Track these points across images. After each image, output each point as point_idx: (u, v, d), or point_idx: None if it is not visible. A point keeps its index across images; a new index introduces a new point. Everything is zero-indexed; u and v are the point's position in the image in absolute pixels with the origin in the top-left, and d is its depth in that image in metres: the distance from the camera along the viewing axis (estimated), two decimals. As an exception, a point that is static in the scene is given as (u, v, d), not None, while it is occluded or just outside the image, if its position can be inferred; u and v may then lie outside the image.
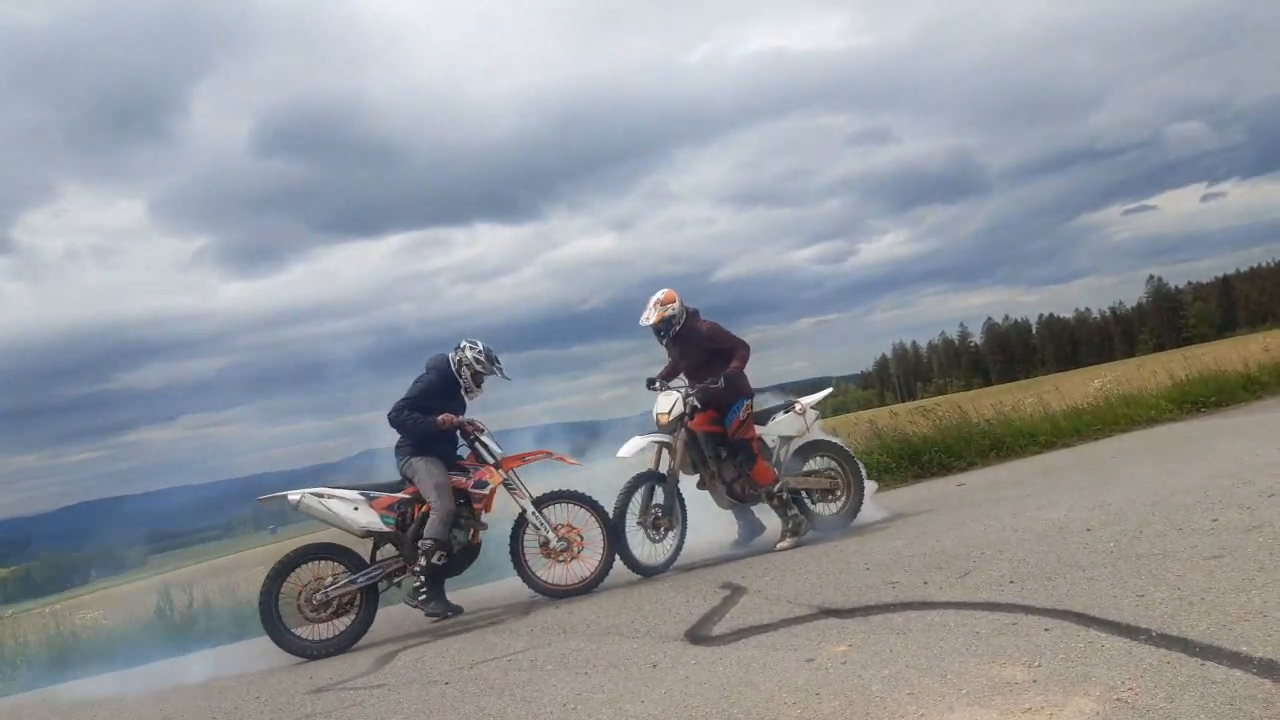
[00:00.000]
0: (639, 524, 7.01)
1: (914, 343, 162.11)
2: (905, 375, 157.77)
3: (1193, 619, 3.39)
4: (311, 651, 6.33)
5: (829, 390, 8.04)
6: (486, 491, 6.80)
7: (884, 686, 3.31)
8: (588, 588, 6.76)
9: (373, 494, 6.77)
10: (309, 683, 5.35)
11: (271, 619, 6.32)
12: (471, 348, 7.06)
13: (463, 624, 6.42)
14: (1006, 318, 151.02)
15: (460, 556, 6.90)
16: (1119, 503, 6.31)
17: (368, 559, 6.69)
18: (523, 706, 3.94)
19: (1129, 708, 2.76)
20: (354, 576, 6.56)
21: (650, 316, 7.42)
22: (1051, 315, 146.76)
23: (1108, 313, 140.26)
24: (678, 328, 7.43)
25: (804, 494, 7.57)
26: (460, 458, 6.96)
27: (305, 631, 6.46)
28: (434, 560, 6.55)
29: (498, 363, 7.13)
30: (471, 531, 6.86)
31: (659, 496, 7.12)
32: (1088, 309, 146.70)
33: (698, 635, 4.64)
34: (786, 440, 7.62)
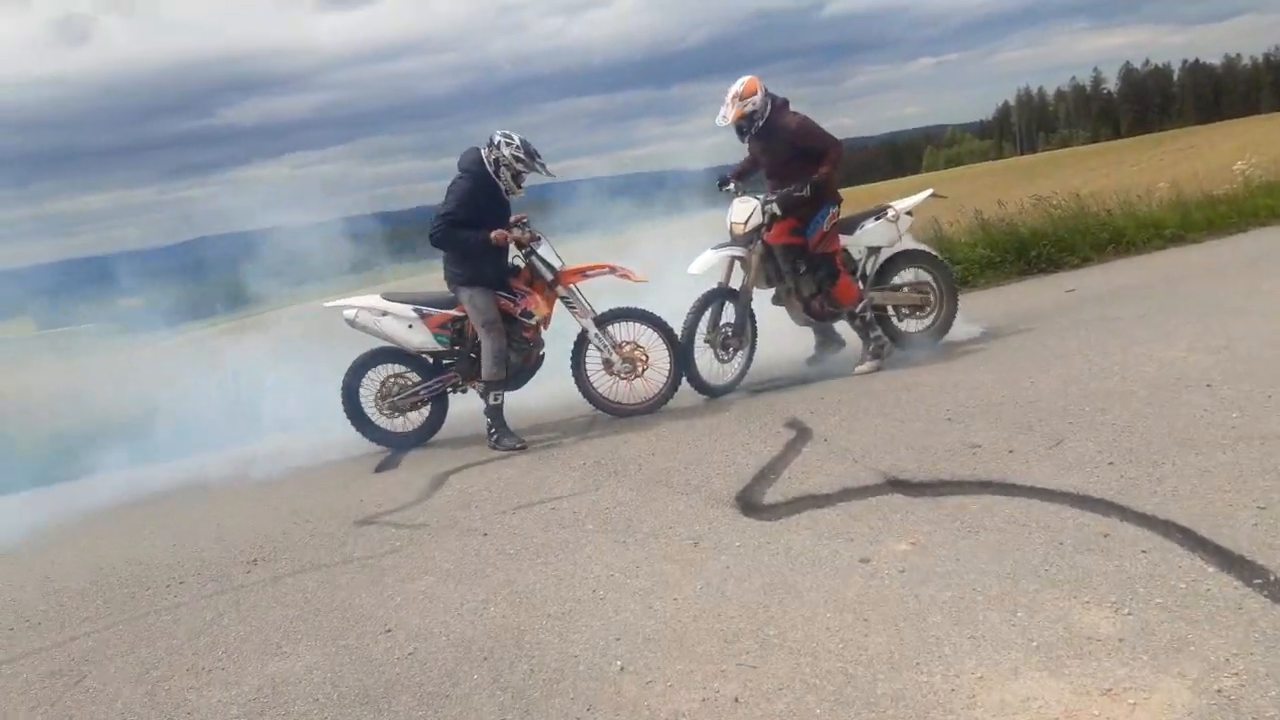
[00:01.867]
0: (707, 343, 6.55)
1: (1040, 89, 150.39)
2: (1028, 124, 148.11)
3: (1327, 565, 2.84)
4: (390, 442, 6.67)
5: (928, 193, 7.16)
6: (533, 323, 6.40)
7: (943, 618, 2.91)
8: (651, 408, 6.45)
9: (426, 310, 6.53)
10: (359, 508, 5.27)
11: (354, 412, 6.60)
12: (508, 144, 6.30)
13: (536, 443, 6.22)
14: (1147, 62, 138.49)
15: (516, 375, 6.60)
16: (1251, 341, 5.56)
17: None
18: (554, 584, 3.70)
19: (1231, 705, 2.30)
20: (417, 388, 6.62)
21: (727, 115, 6.57)
22: (1197, 61, 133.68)
23: (1260, 60, 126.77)
24: (760, 123, 6.59)
25: (890, 310, 6.96)
26: (515, 271, 6.48)
27: (384, 424, 6.70)
28: (492, 401, 6.32)
29: (538, 157, 6.40)
30: (525, 354, 6.53)
31: (729, 314, 6.60)
32: (1238, 55, 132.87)
33: (749, 501, 4.28)
34: (875, 251, 6.91)
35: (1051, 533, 3.40)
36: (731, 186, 6.89)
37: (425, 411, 6.71)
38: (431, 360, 6.62)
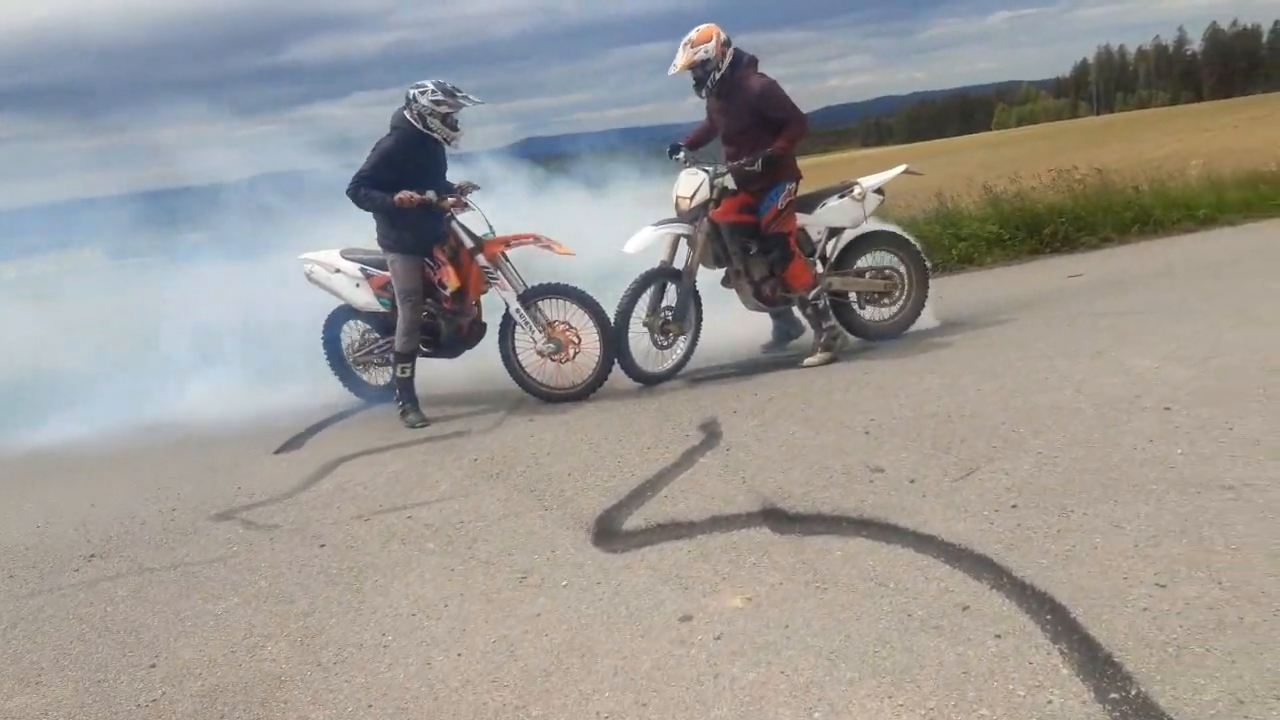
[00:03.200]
0: (645, 326, 6.02)
1: (1121, 47, 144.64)
2: (1106, 84, 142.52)
3: None
4: (365, 395, 6.71)
5: (900, 169, 6.47)
6: (447, 294, 5.97)
7: (728, 712, 2.41)
8: (580, 394, 5.95)
9: (370, 270, 6.29)
10: (231, 497, 4.90)
11: (335, 362, 6.72)
12: (422, 93, 5.80)
13: (431, 432, 5.79)
14: (1235, 23, 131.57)
15: (450, 344, 6.24)
16: (1239, 353, 4.91)
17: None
18: (351, 619, 3.27)
19: None
20: (375, 346, 6.57)
21: (677, 61, 5.95)
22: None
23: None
24: (718, 75, 5.93)
25: (852, 297, 6.35)
26: (446, 239, 6.02)
27: (362, 376, 6.76)
28: (399, 374, 6.04)
29: (458, 93, 5.83)
30: (455, 326, 6.15)
31: (670, 297, 6.06)
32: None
33: (607, 526, 3.79)
34: (836, 232, 6.28)
35: (907, 598, 2.86)
36: (681, 155, 6.30)
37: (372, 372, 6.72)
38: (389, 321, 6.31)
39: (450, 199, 5.90)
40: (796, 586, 3.03)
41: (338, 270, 6.37)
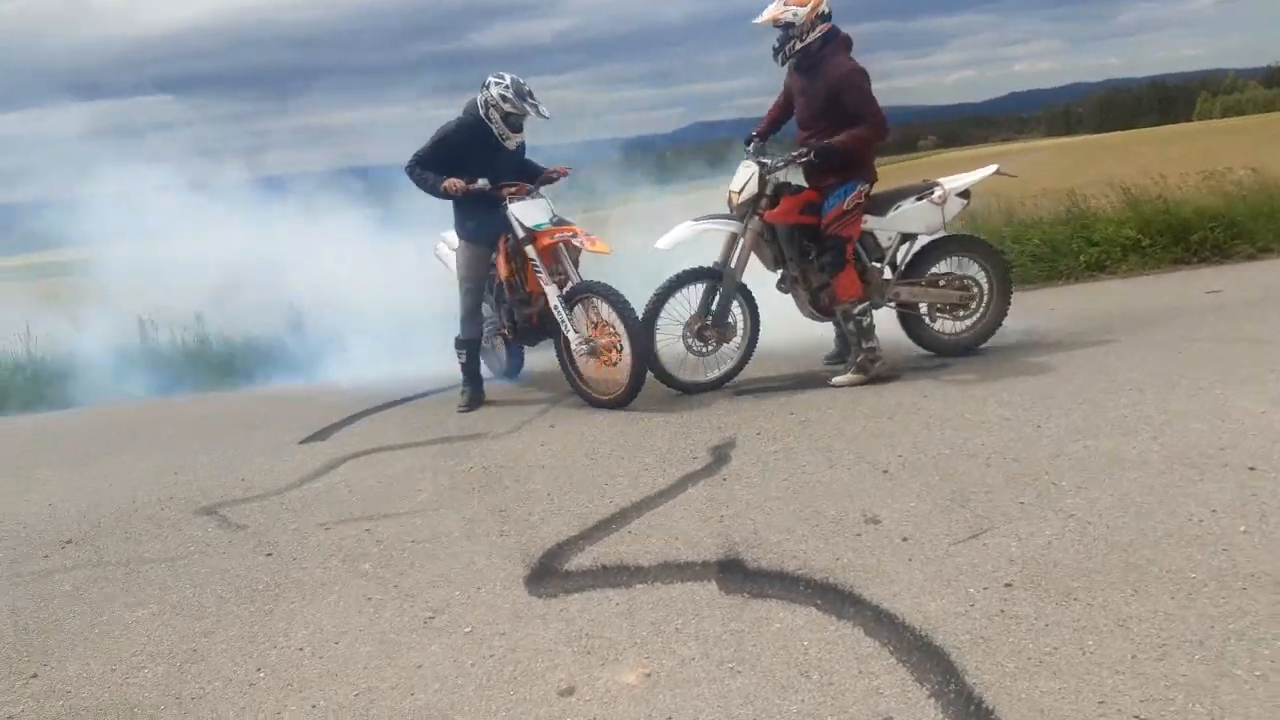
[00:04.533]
0: (687, 331, 5.55)
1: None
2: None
3: None
4: (493, 369, 6.73)
5: (990, 170, 5.69)
6: (501, 283, 5.96)
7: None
8: (621, 401, 5.49)
9: None
10: (226, 489, 4.80)
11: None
12: (497, 84, 5.60)
13: (451, 430, 5.54)
14: None
15: (523, 333, 6.12)
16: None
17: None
18: (239, 649, 3.01)
19: None
20: (488, 325, 6.40)
21: (763, 12, 5.34)
22: None
23: None
24: (798, 44, 5.32)
25: (921, 308, 5.67)
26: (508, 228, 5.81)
27: (492, 351, 6.74)
28: (461, 360, 6.02)
29: (530, 98, 5.63)
30: (526, 316, 5.95)
31: (718, 300, 5.56)
32: None
33: (550, 564, 3.38)
34: (909, 239, 5.61)
35: (825, 698, 2.34)
36: (751, 146, 5.72)
37: (504, 350, 6.74)
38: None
39: (511, 187, 5.68)
40: (708, 666, 2.56)
41: (454, 249, 6.23)
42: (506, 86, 5.61)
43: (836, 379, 5.41)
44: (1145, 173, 9.37)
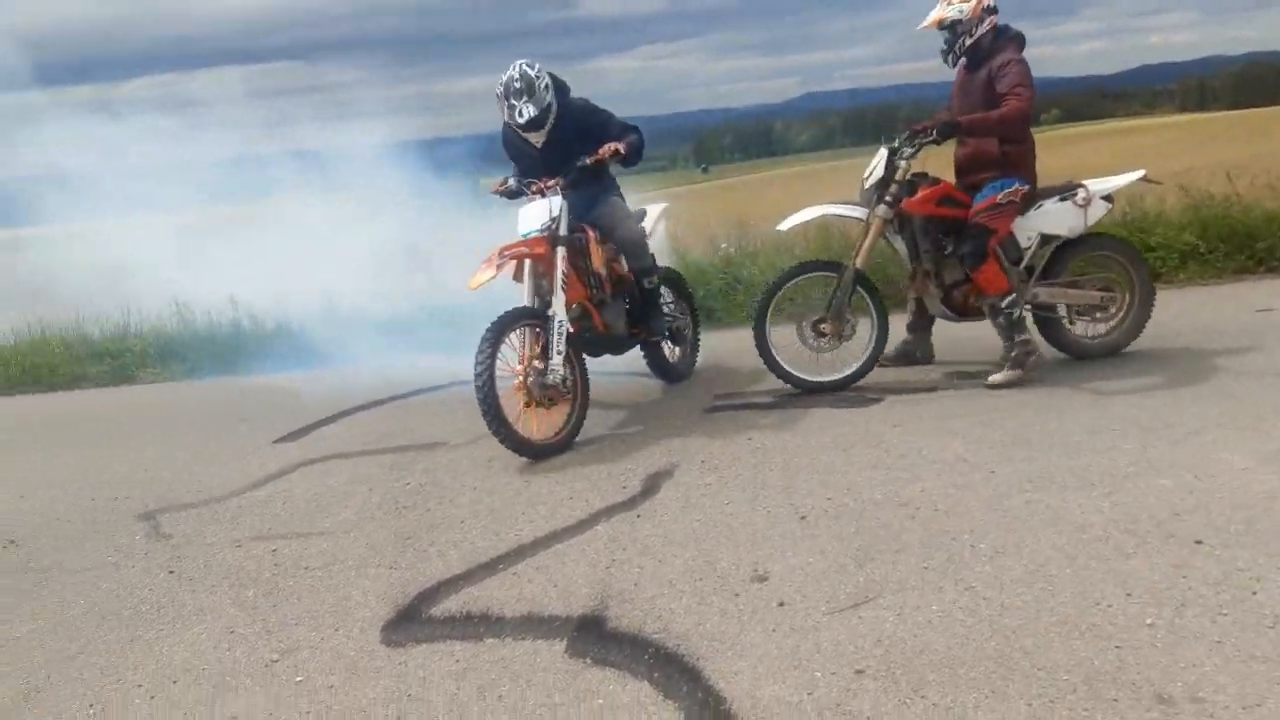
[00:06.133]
0: (803, 325, 5.24)
1: None
2: None
3: None
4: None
5: (1136, 175, 5.26)
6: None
7: None
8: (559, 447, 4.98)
9: None
10: (179, 492, 4.87)
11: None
12: (506, 74, 5.08)
13: (416, 438, 5.48)
14: None
15: (598, 342, 5.42)
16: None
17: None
18: (95, 674, 2.99)
19: None
20: None
21: (928, 16, 5.10)
22: None
23: None
24: (968, 40, 5.05)
25: (1060, 310, 5.35)
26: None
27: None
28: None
29: (511, 96, 5.00)
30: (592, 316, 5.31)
31: (834, 293, 5.21)
32: None
33: (418, 606, 3.26)
34: (1048, 240, 5.26)
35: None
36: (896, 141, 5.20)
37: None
38: None
39: (545, 183, 5.06)
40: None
41: None
42: (501, 84, 5.06)
43: (993, 377, 5.12)
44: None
